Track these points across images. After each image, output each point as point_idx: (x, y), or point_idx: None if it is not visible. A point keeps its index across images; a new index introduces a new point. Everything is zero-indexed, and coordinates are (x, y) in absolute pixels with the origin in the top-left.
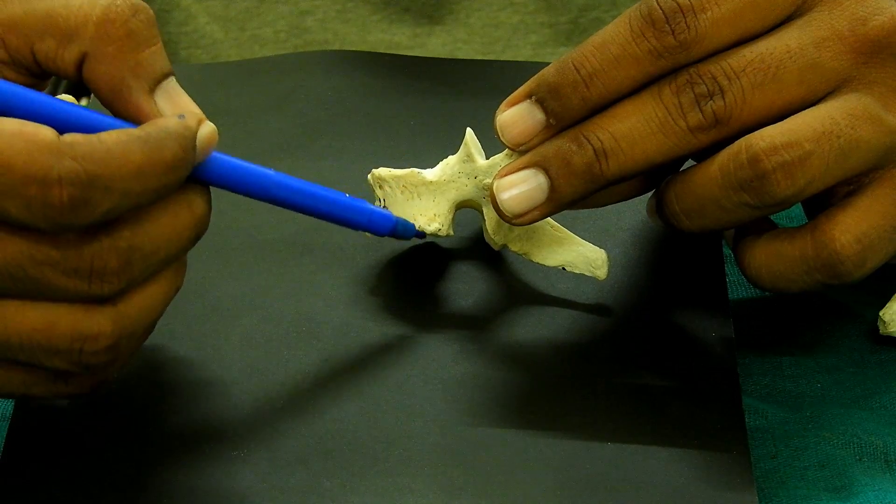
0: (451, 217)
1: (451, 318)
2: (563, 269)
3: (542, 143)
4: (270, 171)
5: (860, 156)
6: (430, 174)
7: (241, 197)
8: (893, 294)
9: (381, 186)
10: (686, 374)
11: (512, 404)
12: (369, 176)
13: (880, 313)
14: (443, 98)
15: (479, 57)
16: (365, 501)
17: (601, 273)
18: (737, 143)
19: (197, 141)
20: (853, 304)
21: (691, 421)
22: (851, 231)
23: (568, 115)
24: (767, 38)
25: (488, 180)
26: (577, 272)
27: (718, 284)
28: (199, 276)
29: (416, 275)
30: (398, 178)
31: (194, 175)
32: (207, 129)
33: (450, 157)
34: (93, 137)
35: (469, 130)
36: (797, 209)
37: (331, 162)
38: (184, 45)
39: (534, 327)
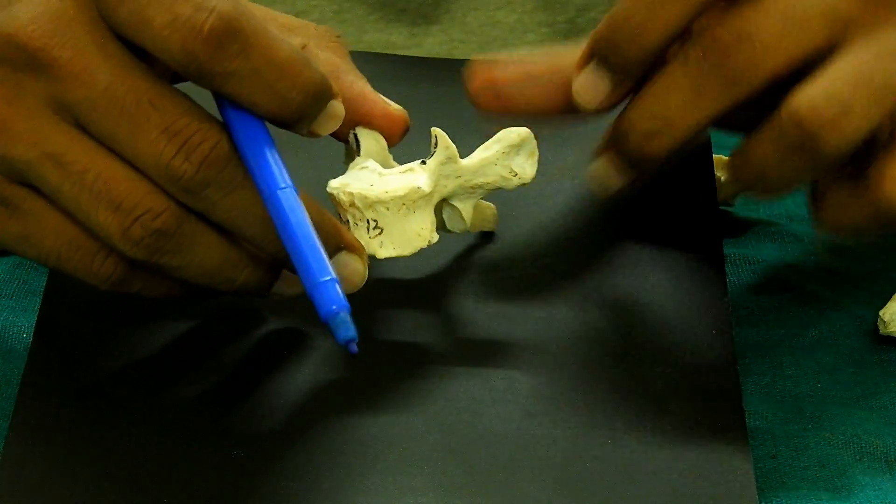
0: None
1: (450, 315)
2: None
3: (619, 98)
4: (284, 182)
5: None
6: (426, 185)
7: None
8: (893, 294)
9: (371, 208)
10: (686, 375)
11: (512, 403)
12: (338, 193)
13: (880, 313)
14: (439, 98)
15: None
16: (365, 500)
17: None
18: (779, 111)
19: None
20: (853, 304)
21: (691, 421)
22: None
23: (633, 67)
24: None
25: (478, 180)
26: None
27: (718, 284)
28: None
29: (415, 273)
30: (400, 197)
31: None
32: (337, 107)
33: (428, 162)
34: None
35: (440, 131)
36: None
37: (328, 160)
38: None
39: (534, 325)
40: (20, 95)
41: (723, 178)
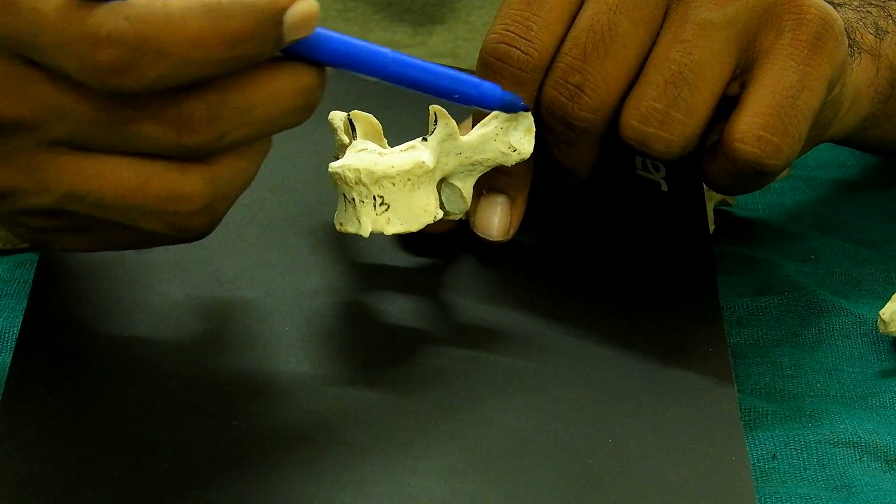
0: None
1: (453, 300)
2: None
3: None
4: (385, 49)
5: (827, 86)
6: (429, 160)
7: None
8: (893, 294)
9: (378, 183)
10: (685, 374)
11: (513, 396)
12: (343, 170)
13: (880, 313)
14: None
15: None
16: (366, 479)
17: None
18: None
19: (290, 17)
20: (853, 304)
21: (691, 421)
22: (750, 130)
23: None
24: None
25: (478, 156)
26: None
27: (709, 285)
28: (199, 246)
29: (417, 255)
30: (405, 172)
31: (301, 52)
32: (303, 5)
33: (429, 139)
34: (156, 0)
35: (440, 108)
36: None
37: (330, 159)
38: None
39: (535, 320)
40: (10, 158)
41: None
